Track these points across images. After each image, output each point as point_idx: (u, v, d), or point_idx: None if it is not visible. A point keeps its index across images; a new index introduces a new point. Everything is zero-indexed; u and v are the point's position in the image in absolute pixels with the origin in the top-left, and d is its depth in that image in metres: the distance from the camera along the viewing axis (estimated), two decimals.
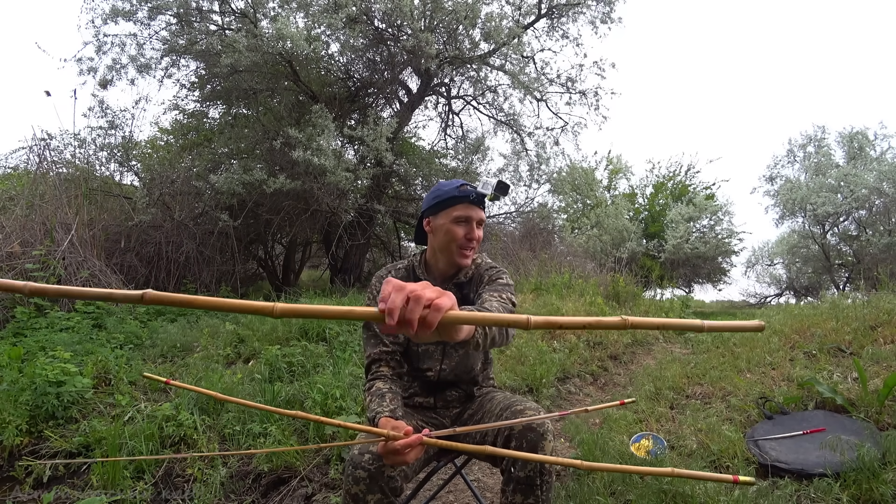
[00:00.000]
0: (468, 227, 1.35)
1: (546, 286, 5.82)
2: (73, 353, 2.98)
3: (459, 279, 1.43)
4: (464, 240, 1.35)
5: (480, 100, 8.38)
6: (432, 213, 1.39)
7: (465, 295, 1.44)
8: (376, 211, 6.82)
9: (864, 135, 12.63)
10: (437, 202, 1.37)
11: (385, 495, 1.15)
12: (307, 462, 2.22)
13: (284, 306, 0.49)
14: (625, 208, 14.35)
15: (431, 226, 1.40)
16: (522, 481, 1.18)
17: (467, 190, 1.34)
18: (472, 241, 1.36)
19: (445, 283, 1.43)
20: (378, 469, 1.14)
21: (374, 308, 0.56)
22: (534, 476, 1.18)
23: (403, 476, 1.21)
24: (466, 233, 1.34)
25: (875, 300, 3.93)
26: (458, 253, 1.37)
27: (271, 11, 6.19)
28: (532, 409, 1.25)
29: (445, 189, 1.36)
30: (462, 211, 1.34)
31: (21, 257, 4.44)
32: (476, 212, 1.35)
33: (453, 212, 1.34)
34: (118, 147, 6.37)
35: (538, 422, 1.19)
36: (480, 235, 1.38)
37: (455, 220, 1.34)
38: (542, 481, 1.18)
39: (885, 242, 10.71)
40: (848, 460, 1.78)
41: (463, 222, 1.34)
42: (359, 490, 1.14)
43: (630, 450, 2.20)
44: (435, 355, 1.44)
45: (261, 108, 7.14)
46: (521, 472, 1.18)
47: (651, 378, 3.46)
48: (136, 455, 2.15)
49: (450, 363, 1.44)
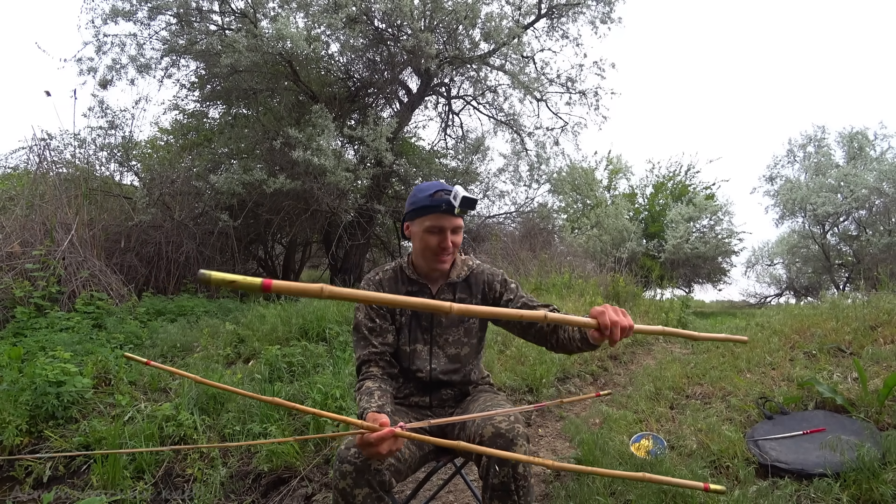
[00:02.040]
0: (441, 236, 1.35)
1: (546, 286, 5.81)
2: (73, 353, 2.99)
3: (451, 279, 1.45)
4: (437, 248, 1.36)
5: (480, 100, 8.38)
6: (409, 219, 1.41)
7: (461, 298, 1.45)
8: (376, 211, 6.82)
9: (864, 135, 12.63)
10: (412, 209, 1.38)
11: (373, 489, 1.14)
12: (307, 462, 2.22)
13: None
14: (625, 208, 14.35)
15: (410, 231, 1.42)
16: (498, 488, 1.16)
17: (439, 199, 1.33)
18: (446, 249, 1.36)
19: (438, 284, 1.45)
20: (364, 463, 1.13)
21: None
22: (508, 482, 1.15)
23: (394, 471, 1.19)
24: (440, 241, 1.35)
25: (875, 300, 3.93)
26: (433, 259, 1.38)
27: (271, 11, 6.19)
28: (504, 414, 1.22)
29: (420, 196, 1.36)
30: (434, 221, 1.34)
31: (21, 257, 4.44)
32: (449, 220, 1.34)
33: (426, 221, 1.35)
34: (118, 147, 6.37)
35: (506, 427, 1.17)
36: (458, 240, 1.38)
37: (427, 229, 1.35)
38: (518, 486, 1.16)
39: (885, 242, 10.70)
40: (848, 460, 1.78)
41: (436, 232, 1.35)
42: (346, 485, 1.13)
43: (630, 450, 2.20)
44: (423, 355, 1.44)
45: (261, 108, 7.14)
46: (496, 479, 1.16)
47: (651, 378, 3.46)
48: (137, 456, 2.15)
49: (438, 363, 1.45)
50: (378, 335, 1.40)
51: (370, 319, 1.41)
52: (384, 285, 1.44)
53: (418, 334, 1.44)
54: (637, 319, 5.63)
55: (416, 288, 1.44)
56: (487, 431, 1.18)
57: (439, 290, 1.45)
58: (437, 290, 1.45)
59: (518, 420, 1.21)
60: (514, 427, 1.18)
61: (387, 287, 1.44)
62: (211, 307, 5.15)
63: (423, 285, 1.44)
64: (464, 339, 1.46)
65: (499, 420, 1.19)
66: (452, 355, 1.46)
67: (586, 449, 2.21)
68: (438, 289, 1.45)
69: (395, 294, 1.37)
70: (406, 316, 1.43)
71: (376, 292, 1.32)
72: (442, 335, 1.45)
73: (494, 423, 1.19)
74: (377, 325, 1.40)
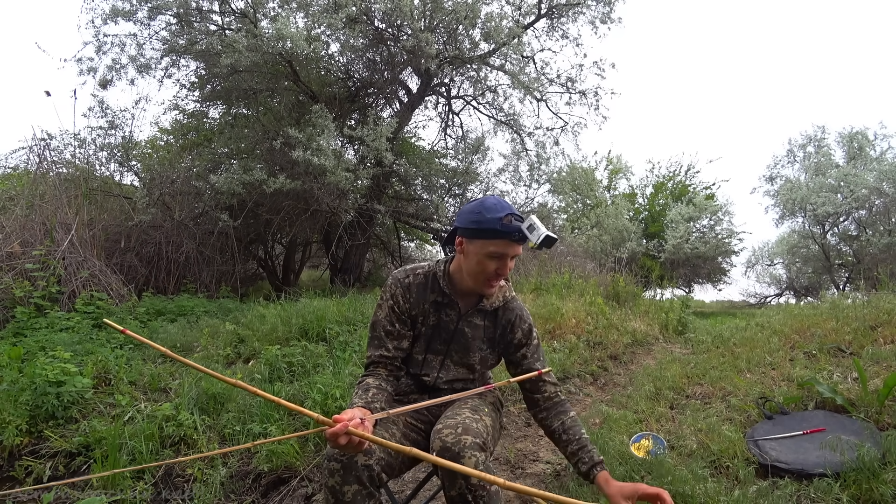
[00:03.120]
0: (501, 262, 1.27)
1: (546, 286, 5.81)
2: (73, 353, 2.98)
3: (484, 306, 1.39)
4: (494, 274, 1.28)
5: (480, 100, 8.38)
6: (467, 236, 1.28)
7: (486, 326, 1.41)
8: (376, 211, 6.82)
9: (864, 135, 12.64)
10: (475, 228, 1.26)
11: (363, 485, 1.12)
12: (307, 462, 2.22)
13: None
14: (625, 208, 14.36)
15: (464, 247, 1.31)
16: (456, 500, 1.13)
17: (511, 226, 1.22)
18: (503, 276, 1.30)
19: (469, 307, 1.40)
20: (350, 459, 1.12)
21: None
22: (465, 493, 1.11)
23: (385, 465, 1.17)
24: (498, 268, 1.27)
25: (875, 300, 3.93)
26: (484, 283, 1.31)
27: (271, 11, 6.19)
28: (450, 426, 1.17)
29: (488, 217, 1.24)
30: (499, 248, 1.25)
31: (21, 257, 4.44)
32: (514, 249, 1.26)
33: (490, 245, 1.25)
34: (118, 147, 6.37)
35: (452, 440, 1.13)
36: (512, 266, 1.32)
37: (490, 254, 1.26)
38: (476, 496, 1.11)
39: (885, 242, 10.71)
40: (848, 460, 1.78)
41: (497, 258, 1.26)
42: (335, 482, 1.12)
43: (630, 450, 2.20)
44: (433, 364, 1.43)
45: (261, 108, 7.14)
46: (452, 492, 1.13)
47: (651, 378, 3.46)
48: (137, 456, 2.15)
49: (447, 374, 1.43)
50: (395, 339, 1.36)
51: (390, 322, 1.36)
52: (412, 290, 1.38)
53: (436, 346, 1.41)
54: (637, 319, 5.63)
55: (446, 301, 1.38)
56: (436, 445, 1.14)
57: (469, 312, 1.40)
58: (466, 311, 1.40)
59: (467, 430, 1.16)
60: (459, 440, 1.13)
61: (415, 292, 1.37)
62: (211, 307, 5.16)
63: (454, 302, 1.38)
64: (477, 365, 1.44)
65: (446, 433, 1.15)
66: (464, 373, 1.44)
67: None
68: (468, 311, 1.40)
69: (421, 300, 1.37)
70: (427, 327, 1.39)
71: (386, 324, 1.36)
72: (458, 352, 1.42)
73: (442, 436, 1.15)
74: (396, 330, 1.36)
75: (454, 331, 1.38)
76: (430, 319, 1.38)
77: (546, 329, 4.33)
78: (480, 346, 1.41)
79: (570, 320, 4.53)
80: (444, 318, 1.38)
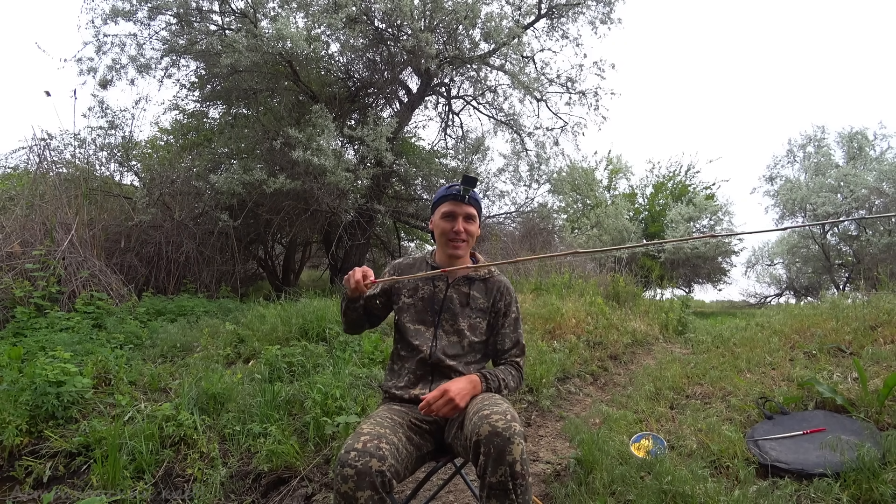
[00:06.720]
0: (453, 221, 1.52)
1: (546, 286, 5.81)
2: (73, 353, 2.98)
3: (471, 275, 1.59)
4: (451, 232, 1.51)
5: (480, 100, 8.38)
6: (432, 214, 1.60)
7: (475, 296, 1.57)
8: (376, 211, 6.82)
9: (864, 135, 12.64)
10: (433, 203, 1.59)
11: (375, 491, 1.14)
12: (307, 462, 2.22)
13: None
14: (625, 208, 14.36)
15: (432, 225, 1.59)
16: (496, 486, 1.16)
17: (453, 189, 1.53)
18: (459, 233, 1.51)
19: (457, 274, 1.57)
20: (365, 466, 1.14)
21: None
22: (505, 481, 1.16)
23: (394, 473, 1.19)
24: (452, 226, 1.51)
25: (875, 300, 3.93)
26: (448, 245, 1.53)
27: (271, 11, 6.19)
28: (499, 413, 1.22)
29: (440, 192, 1.57)
30: (447, 207, 1.53)
31: (21, 257, 4.44)
32: (460, 207, 1.52)
33: (442, 209, 1.55)
34: (118, 147, 6.38)
35: (503, 426, 1.17)
36: (472, 230, 1.54)
37: (443, 216, 1.54)
38: (516, 485, 1.16)
39: (885, 242, 10.71)
40: (848, 460, 1.78)
41: (449, 217, 1.52)
42: (348, 488, 1.13)
43: (630, 450, 2.20)
44: (426, 335, 1.54)
45: (261, 108, 7.14)
46: (493, 478, 1.16)
47: (651, 378, 3.46)
48: (137, 456, 2.15)
49: (440, 343, 1.53)
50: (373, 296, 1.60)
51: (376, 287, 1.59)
52: (401, 268, 1.63)
53: (426, 316, 1.56)
54: (637, 319, 5.63)
55: (435, 267, 1.57)
56: (484, 430, 1.18)
57: (456, 280, 1.58)
58: (454, 280, 1.58)
59: (515, 419, 1.21)
60: (510, 426, 1.18)
61: (403, 269, 1.62)
62: (211, 307, 5.16)
63: (442, 275, 1.56)
64: (467, 332, 1.54)
65: (496, 419, 1.19)
66: (455, 341, 1.54)
67: (586, 449, 2.20)
68: (455, 280, 1.58)
69: (407, 273, 1.61)
70: (415, 298, 1.57)
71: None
72: (449, 321, 1.55)
73: (491, 421, 1.19)
74: (378, 293, 1.60)
75: (444, 298, 1.56)
76: (422, 292, 1.58)
77: (546, 329, 4.33)
78: (469, 314, 1.56)
79: (570, 320, 4.53)
80: (434, 288, 1.58)
